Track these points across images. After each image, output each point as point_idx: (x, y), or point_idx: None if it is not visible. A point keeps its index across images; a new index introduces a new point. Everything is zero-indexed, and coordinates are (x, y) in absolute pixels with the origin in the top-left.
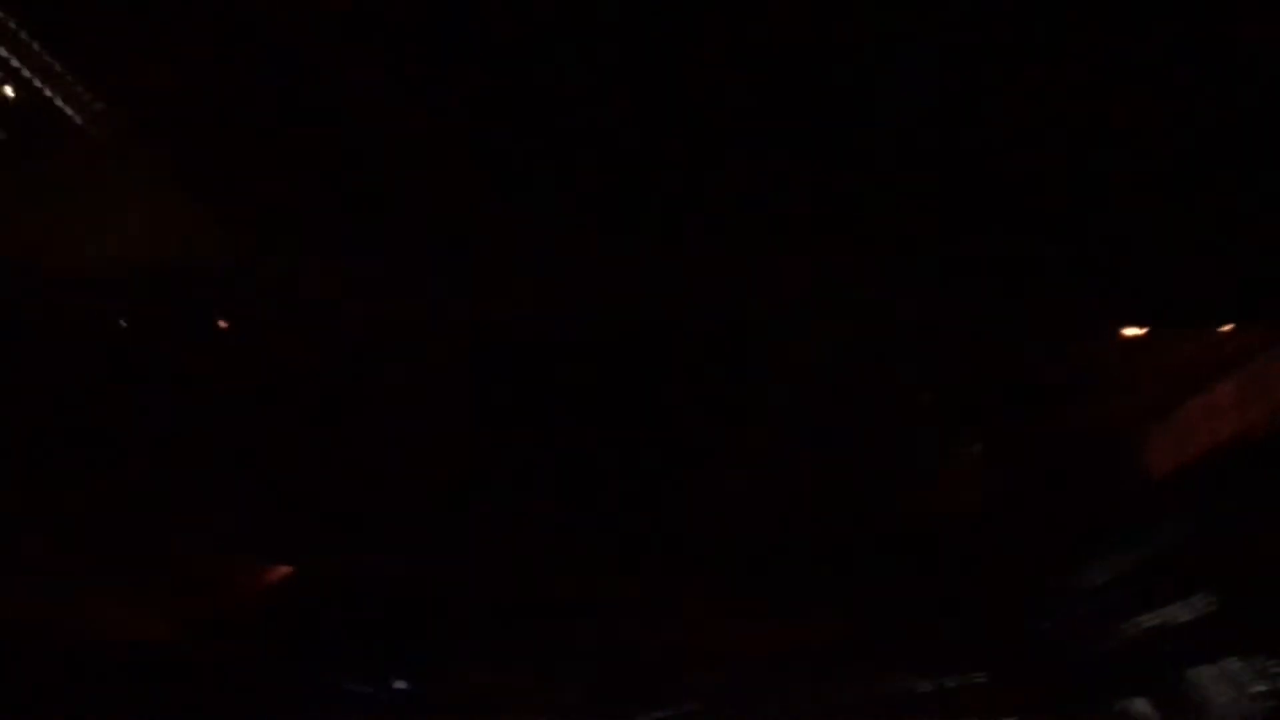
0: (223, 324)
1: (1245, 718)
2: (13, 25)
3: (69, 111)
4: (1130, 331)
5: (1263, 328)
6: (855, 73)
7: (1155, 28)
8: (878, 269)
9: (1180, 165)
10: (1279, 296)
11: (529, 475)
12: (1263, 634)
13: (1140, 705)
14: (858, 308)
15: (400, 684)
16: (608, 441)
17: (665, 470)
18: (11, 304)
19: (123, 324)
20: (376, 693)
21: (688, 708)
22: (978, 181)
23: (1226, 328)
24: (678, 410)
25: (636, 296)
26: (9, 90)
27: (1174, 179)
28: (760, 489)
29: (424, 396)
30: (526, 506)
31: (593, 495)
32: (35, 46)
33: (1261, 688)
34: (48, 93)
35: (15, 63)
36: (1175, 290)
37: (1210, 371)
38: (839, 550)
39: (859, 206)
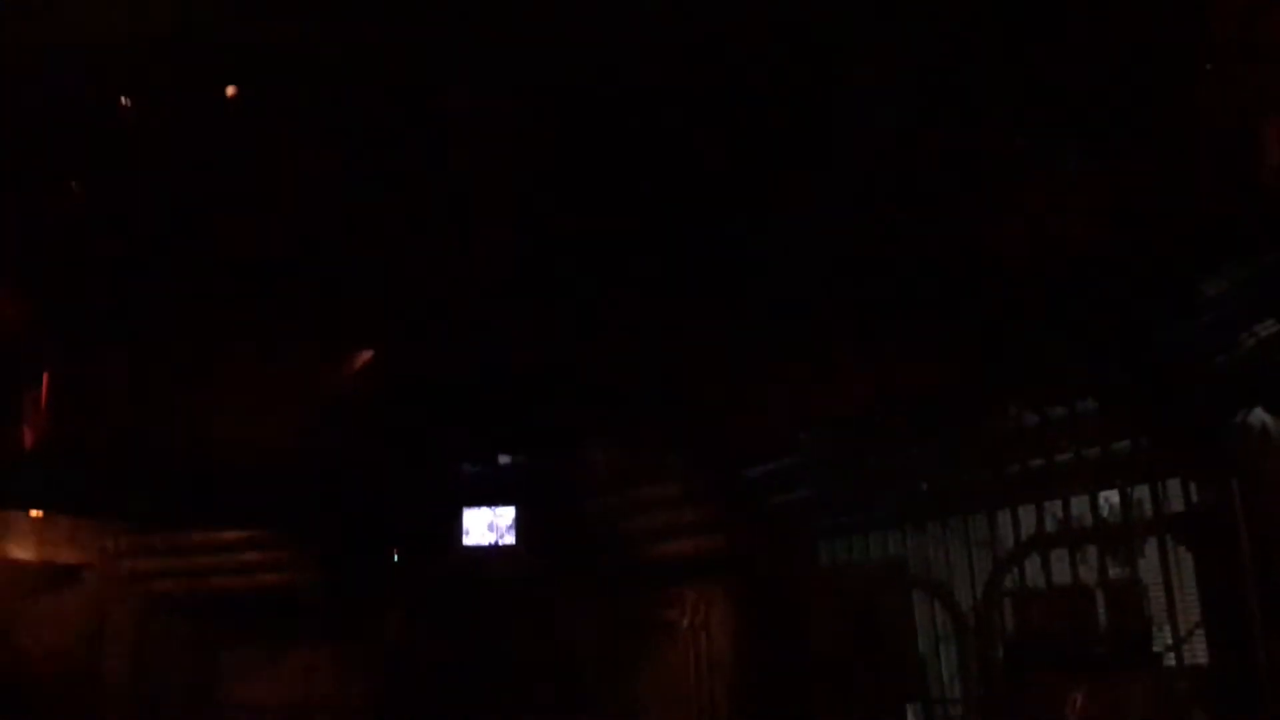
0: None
1: None
2: None
3: None
4: None
5: None
6: None
7: None
8: None
9: None
10: None
11: (619, 242)
12: None
13: (1259, 417)
14: None
15: (506, 459)
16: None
17: (762, 220)
18: None
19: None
20: (486, 470)
21: (792, 461)
22: None
23: None
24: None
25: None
26: None
27: None
28: (856, 229)
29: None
30: (621, 278)
31: (684, 259)
32: None
33: None
34: None
35: None
36: None
37: None
38: (940, 285)
39: None
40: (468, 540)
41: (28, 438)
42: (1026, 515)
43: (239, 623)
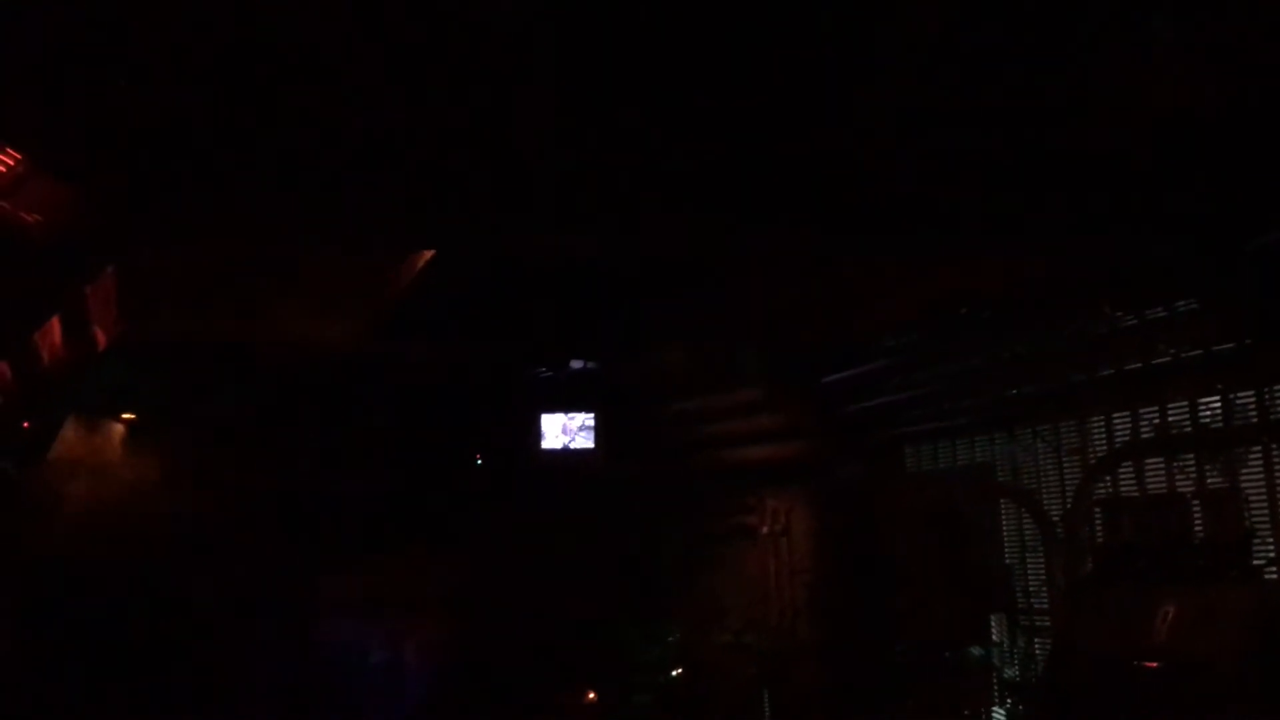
0: None
1: None
2: None
3: None
4: None
5: None
6: None
7: None
8: None
9: None
10: None
11: (696, 134)
12: None
13: None
14: None
15: (578, 364)
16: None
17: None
18: None
19: None
20: (563, 375)
21: (875, 365)
22: None
23: None
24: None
25: None
26: None
27: None
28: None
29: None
30: (698, 173)
31: (762, 153)
32: None
33: None
34: None
35: None
36: None
37: None
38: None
39: None
40: (546, 444)
41: (100, 339)
42: (1121, 421)
43: (327, 522)
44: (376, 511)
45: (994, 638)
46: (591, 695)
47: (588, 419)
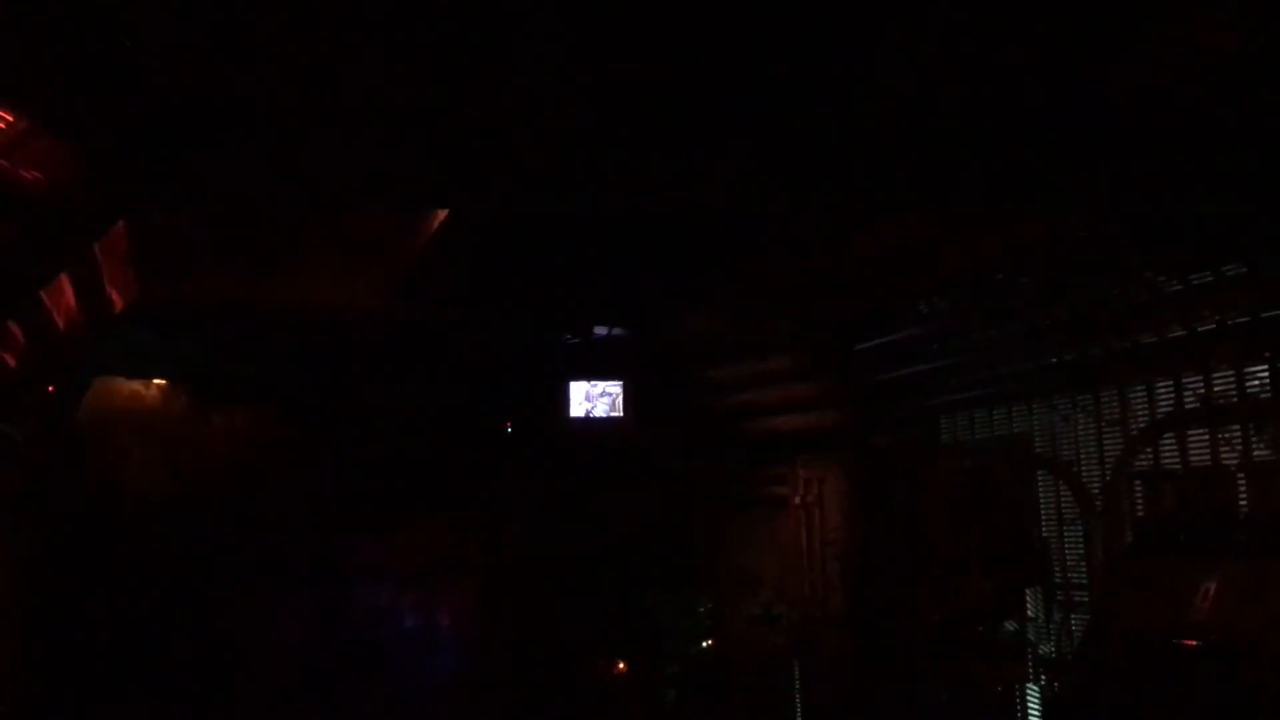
0: None
1: None
2: None
3: None
4: None
5: None
6: None
7: None
8: None
9: None
10: None
11: (720, 92)
12: None
13: None
14: None
15: (601, 330)
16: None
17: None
18: None
19: None
20: (592, 342)
21: (910, 331)
22: None
23: None
24: None
25: None
26: None
27: None
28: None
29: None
30: (725, 132)
31: (791, 109)
32: None
33: None
34: None
35: None
36: None
37: None
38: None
39: None
40: (574, 412)
41: (116, 300)
42: (1164, 390)
43: (359, 489)
44: (408, 478)
45: (1029, 613)
46: (621, 665)
47: (616, 387)
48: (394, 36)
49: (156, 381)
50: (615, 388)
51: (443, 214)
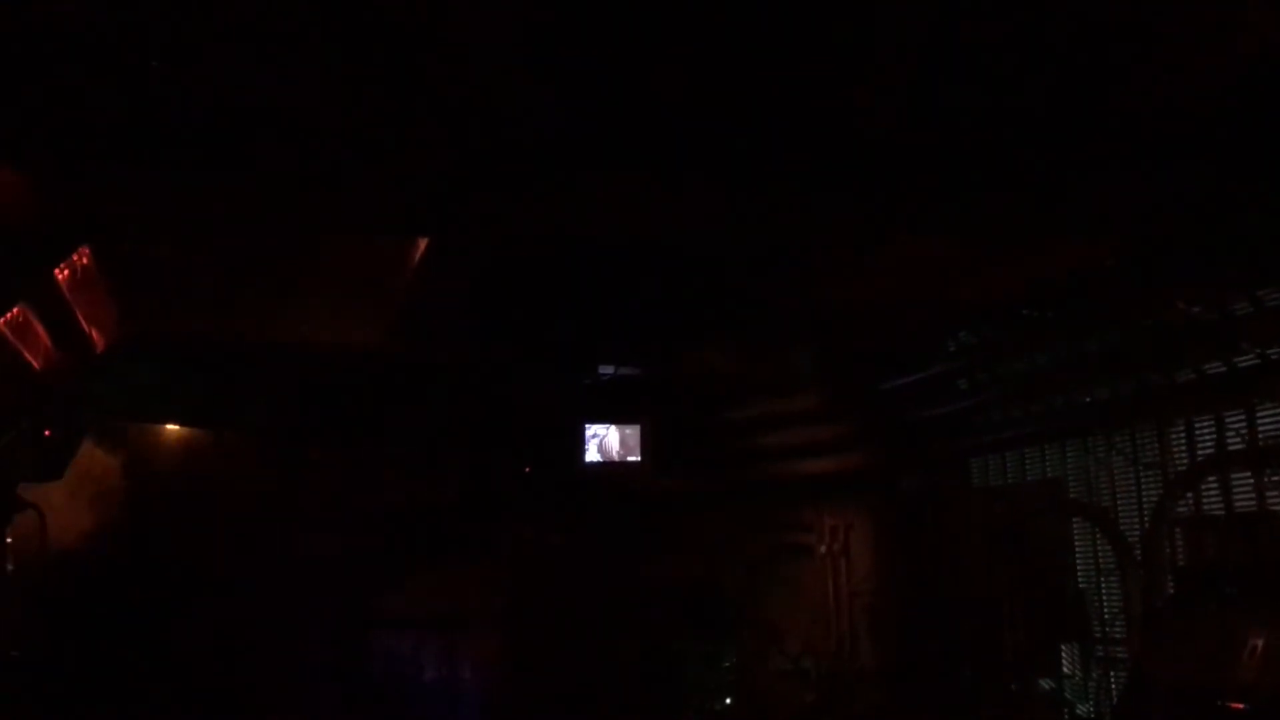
0: None
1: None
2: None
3: None
4: None
5: None
6: None
7: None
8: None
9: None
10: None
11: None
12: None
13: None
14: None
15: (608, 370)
16: None
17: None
18: None
19: None
20: (608, 384)
21: (937, 369)
22: None
23: None
24: None
25: None
26: None
27: None
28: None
29: None
30: (743, 161)
31: (812, 135)
32: None
33: None
34: None
35: None
36: None
37: None
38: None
39: None
40: (590, 456)
41: (98, 340)
42: (1204, 429)
43: (376, 536)
44: (426, 525)
45: (1065, 668)
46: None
47: (633, 430)
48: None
49: (168, 426)
50: (632, 431)
51: (423, 246)
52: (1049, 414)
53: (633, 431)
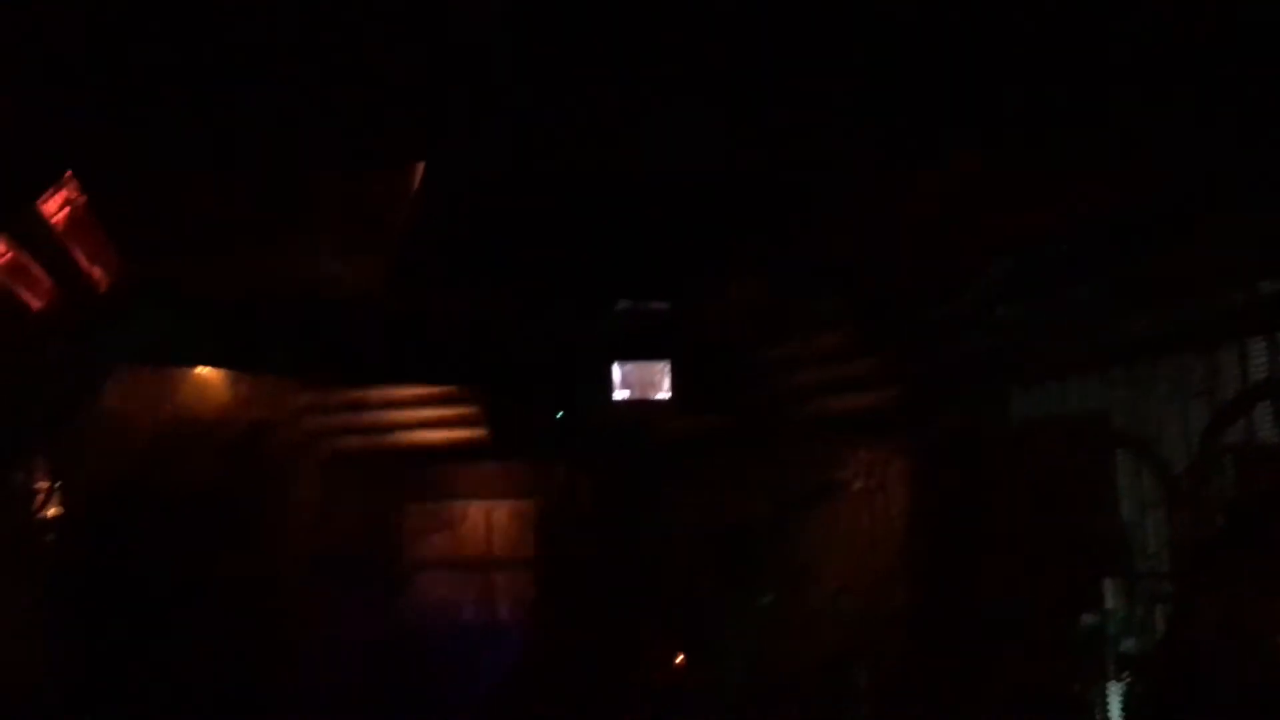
0: None
1: None
2: None
3: None
4: None
5: None
6: None
7: None
8: None
9: None
10: None
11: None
12: None
13: None
14: None
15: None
16: None
17: None
18: None
19: None
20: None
21: (975, 299)
22: None
23: None
24: None
25: None
26: None
27: None
28: None
29: None
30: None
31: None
32: None
33: None
34: None
35: None
36: None
37: None
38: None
39: None
40: (618, 395)
41: (100, 280)
42: (1255, 353)
43: (413, 477)
44: (460, 465)
45: (1108, 605)
46: (680, 659)
47: (661, 368)
48: None
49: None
50: (660, 368)
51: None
52: (1092, 343)
53: (661, 369)
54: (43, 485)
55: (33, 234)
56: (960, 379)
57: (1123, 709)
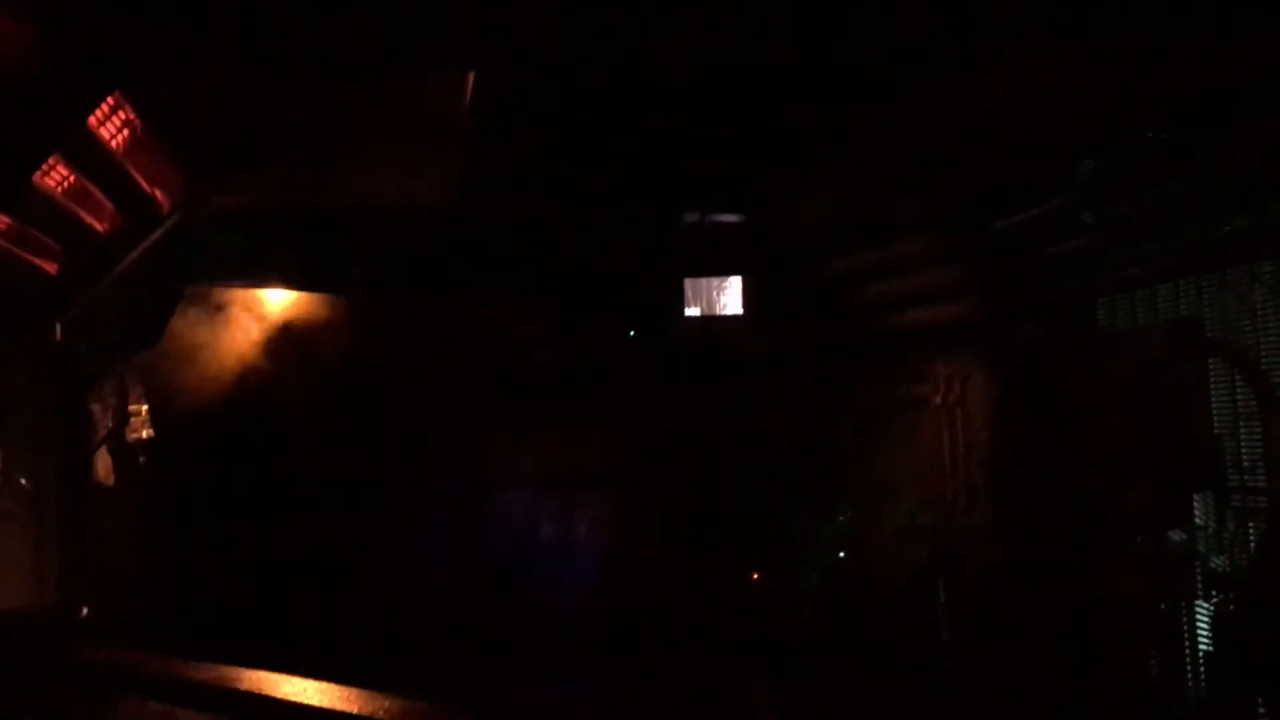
0: None
1: None
2: None
3: None
4: None
5: None
6: None
7: None
8: None
9: None
10: None
11: None
12: None
13: None
14: None
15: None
16: None
17: None
18: None
19: None
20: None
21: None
22: None
23: None
24: None
25: None
26: None
27: None
28: None
29: None
30: None
31: None
32: None
33: None
34: None
35: None
36: None
37: None
38: None
39: None
40: (690, 311)
41: (163, 201)
42: None
43: (490, 396)
44: (538, 385)
45: (1198, 521)
46: (755, 575)
47: (734, 282)
48: None
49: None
50: (733, 283)
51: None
52: (1184, 247)
53: (733, 283)
54: (136, 408)
55: (88, 156)
56: (1043, 288)
57: (1210, 629)
